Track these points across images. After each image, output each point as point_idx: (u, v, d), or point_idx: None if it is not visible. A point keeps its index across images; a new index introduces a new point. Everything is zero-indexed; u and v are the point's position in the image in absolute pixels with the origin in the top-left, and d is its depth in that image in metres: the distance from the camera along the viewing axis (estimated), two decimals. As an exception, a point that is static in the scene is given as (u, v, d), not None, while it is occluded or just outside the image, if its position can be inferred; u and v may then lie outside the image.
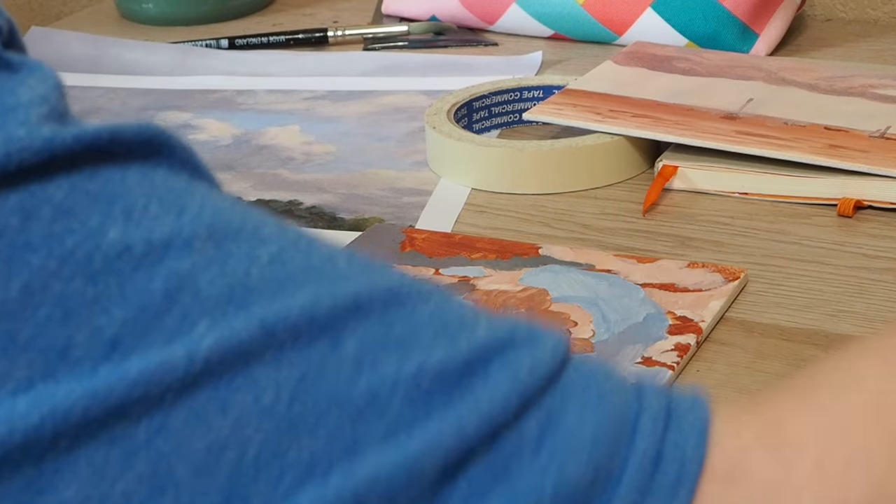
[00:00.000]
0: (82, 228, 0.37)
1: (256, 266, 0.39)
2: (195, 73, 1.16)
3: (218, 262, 0.38)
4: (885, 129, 0.90)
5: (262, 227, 0.40)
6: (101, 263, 0.37)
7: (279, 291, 0.39)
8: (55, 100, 0.39)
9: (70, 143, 0.38)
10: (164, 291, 0.37)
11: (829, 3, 1.25)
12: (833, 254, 0.81)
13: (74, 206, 0.38)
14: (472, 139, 0.92)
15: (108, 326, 0.37)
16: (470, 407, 0.39)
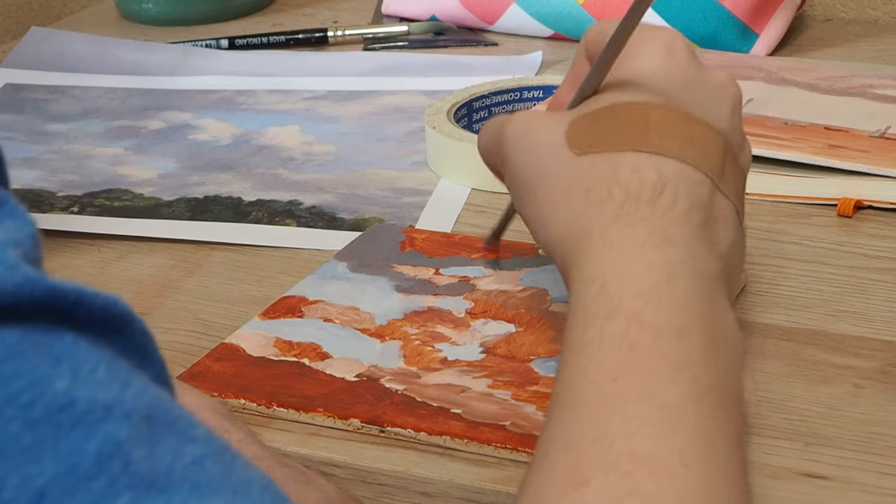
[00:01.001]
0: (31, 374, 0.37)
1: (180, 462, 0.39)
2: (195, 73, 1.16)
3: (149, 444, 0.38)
4: (885, 129, 0.90)
5: (193, 428, 0.40)
6: (42, 412, 0.37)
7: (195, 492, 0.39)
8: (29, 247, 0.40)
9: (39, 294, 0.38)
10: (97, 454, 0.37)
11: (829, 3, 1.25)
12: (833, 254, 0.81)
13: (26, 352, 0.38)
14: (472, 139, 0.92)
15: (39, 476, 0.37)
16: None
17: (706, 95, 0.62)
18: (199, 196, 0.92)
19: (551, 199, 0.60)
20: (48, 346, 0.38)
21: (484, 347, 0.70)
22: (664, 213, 0.57)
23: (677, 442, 0.49)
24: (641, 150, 0.59)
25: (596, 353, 0.53)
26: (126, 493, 0.37)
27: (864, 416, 0.64)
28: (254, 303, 0.77)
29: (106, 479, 0.37)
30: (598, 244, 0.56)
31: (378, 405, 0.65)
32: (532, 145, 0.62)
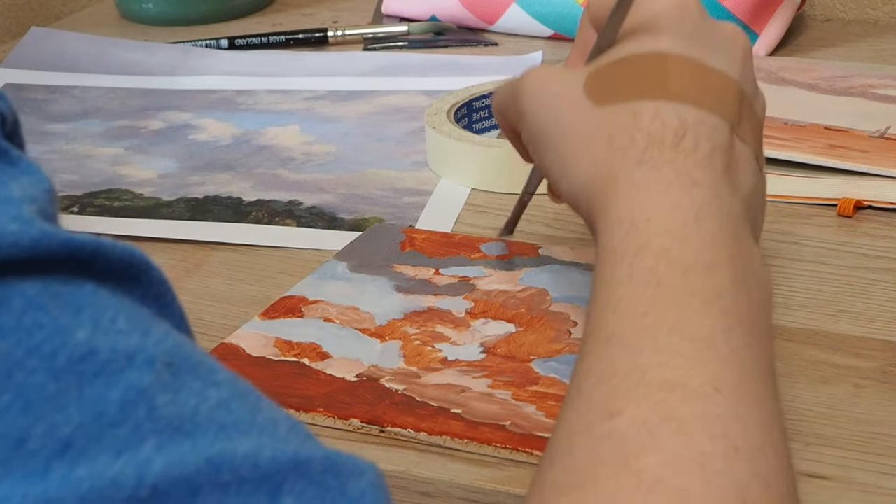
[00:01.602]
0: (52, 325, 0.38)
1: (205, 405, 0.39)
2: (195, 73, 1.16)
3: (172, 390, 0.39)
4: (885, 129, 0.90)
5: (216, 372, 0.41)
6: (65, 361, 0.38)
7: (223, 434, 0.39)
8: (45, 203, 0.40)
9: (56, 247, 0.39)
10: (120, 402, 0.38)
11: (829, 3, 1.25)
12: (833, 254, 0.81)
13: (46, 304, 0.38)
14: (472, 139, 0.92)
15: (65, 425, 0.37)
16: None
17: (718, 46, 0.63)
18: (199, 196, 0.92)
19: (572, 149, 0.61)
20: (68, 296, 0.39)
21: (484, 347, 0.70)
22: (687, 156, 0.58)
23: (709, 370, 0.49)
24: (661, 98, 0.60)
25: (626, 291, 0.53)
26: (152, 438, 0.38)
27: (864, 416, 0.64)
28: (254, 303, 0.77)
29: (131, 426, 0.38)
30: (625, 187, 0.57)
31: (378, 405, 0.65)
32: (550, 98, 0.63)
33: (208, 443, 0.38)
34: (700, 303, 0.52)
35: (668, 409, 0.48)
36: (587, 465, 0.47)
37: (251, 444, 0.39)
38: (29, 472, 0.36)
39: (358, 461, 0.42)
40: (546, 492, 0.47)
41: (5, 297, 0.38)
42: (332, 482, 0.40)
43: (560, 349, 0.69)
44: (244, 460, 0.39)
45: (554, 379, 0.67)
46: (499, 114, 0.69)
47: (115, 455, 0.37)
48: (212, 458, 0.38)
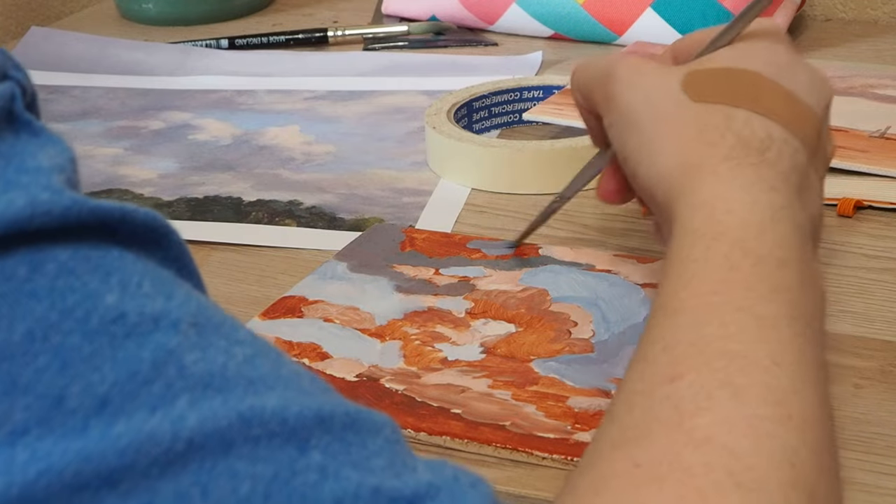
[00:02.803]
0: (83, 288, 0.40)
1: (233, 361, 0.41)
2: (195, 73, 1.16)
3: (200, 348, 0.41)
4: (885, 129, 0.90)
5: (239, 330, 0.43)
6: (97, 323, 0.39)
7: (251, 389, 0.41)
8: (70, 172, 0.42)
9: (85, 215, 0.40)
10: (152, 361, 0.39)
11: (829, 3, 1.25)
12: (833, 254, 0.81)
13: (77, 269, 0.40)
14: (472, 139, 0.92)
15: (100, 384, 0.39)
16: None
17: (807, 83, 0.66)
18: (199, 196, 0.92)
19: (661, 134, 0.64)
20: (97, 261, 0.40)
21: (484, 347, 0.70)
22: (769, 167, 0.61)
23: (771, 346, 0.51)
24: (754, 111, 0.63)
25: (699, 270, 0.56)
26: (184, 395, 0.39)
27: (864, 416, 0.64)
28: (254, 303, 0.77)
29: (163, 383, 0.39)
30: (709, 177, 0.60)
31: (378, 405, 0.65)
32: (646, 85, 0.66)
33: (238, 398, 0.40)
34: (768, 290, 0.54)
35: (727, 376, 0.50)
36: (643, 423, 0.49)
37: (278, 399, 0.41)
38: (69, 430, 0.38)
39: (376, 417, 0.43)
40: (602, 447, 0.49)
41: (39, 262, 0.39)
42: (352, 437, 0.42)
43: (560, 349, 0.69)
44: (273, 415, 0.40)
45: (554, 379, 0.67)
46: (582, 92, 0.72)
47: (151, 411, 0.39)
48: (243, 413, 0.40)
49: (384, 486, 0.41)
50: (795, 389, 0.50)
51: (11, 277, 0.39)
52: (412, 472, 0.43)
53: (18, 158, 0.40)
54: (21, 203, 0.39)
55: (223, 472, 0.39)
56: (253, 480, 0.39)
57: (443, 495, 0.42)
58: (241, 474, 0.39)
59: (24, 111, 0.42)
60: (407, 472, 0.42)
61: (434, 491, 0.42)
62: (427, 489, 0.42)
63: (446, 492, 0.42)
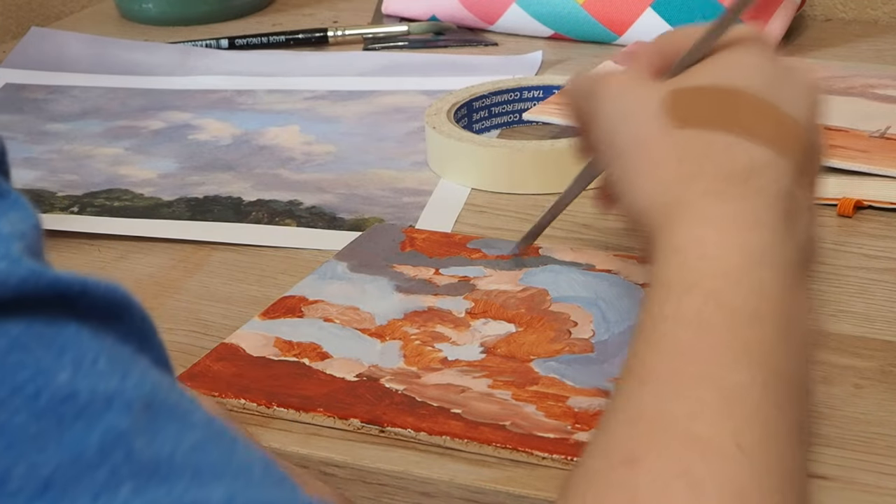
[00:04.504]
0: (35, 365, 0.38)
1: (181, 448, 0.39)
2: (195, 73, 1.16)
3: (150, 433, 0.39)
4: (885, 129, 0.90)
5: (192, 413, 0.41)
6: (47, 402, 0.38)
7: (197, 479, 0.39)
8: (32, 239, 0.40)
9: (43, 287, 0.39)
10: (99, 445, 0.38)
11: (829, 3, 1.25)
12: (833, 254, 0.81)
13: (29, 344, 0.38)
14: (472, 139, 0.92)
15: (45, 466, 0.37)
16: None
17: (793, 94, 0.63)
18: (199, 196, 0.92)
19: (641, 165, 0.61)
20: (51, 337, 0.39)
21: (484, 347, 0.70)
22: (753, 196, 0.58)
23: (734, 423, 0.49)
24: (734, 133, 0.60)
25: (669, 331, 0.53)
26: (128, 482, 0.38)
27: (864, 416, 0.64)
28: (254, 303, 0.77)
29: (109, 469, 0.38)
30: (687, 216, 0.57)
31: (378, 405, 0.65)
32: (626, 108, 0.63)
33: (183, 488, 0.38)
34: (740, 352, 0.52)
35: (685, 463, 0.48)
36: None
37: (224, 492, 0.39)
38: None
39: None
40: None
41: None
42: None
43: (560, 349, 0.69)
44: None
45: (554, 379, 0.67)
46: (571, 106, 0.69)
47: (93, 498, 0.37)
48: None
49: None
50: (756, 476, 0.48)
51: None
52: None
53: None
54: None
55: None
56: None
57: None
58: None
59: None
60: None
61: None
62: None
63: None
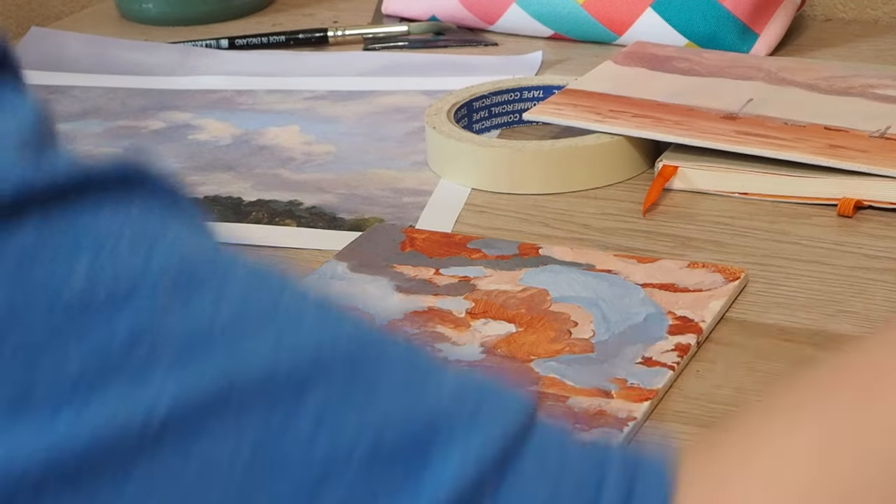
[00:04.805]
0: (49, 268, 0.37)
1: (219, 315, 0.38)
2: (195, 73, 1.16)
3: (181, 308, 0.38)
4: (885, 129, 0.90)
5: (230, 273, 0.39)
6: (66, 304, 0.37)
7: (239, 346, 0.38)
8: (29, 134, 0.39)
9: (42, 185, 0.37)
10: (127, 334, 0.37)
11: (829, 3, 1.25)
12: (833, 254, 0.81)
13: (42, 248, 0.37)
14: (472, 139, 0.92)
15: (70, 365, 0.36)
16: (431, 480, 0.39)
17: None
18: (199, 196, 0.92)
19: None
20: (64, 233, 0.37)
21: (484, 347, 0.70)
22: None
23: None
24: None
25: None
26: (163, 363, 0.37)
27: (865, 416, 0.64)
28: (254, 303, 0.77)
29: (140, 355, 0.37)
30: None
31: (378, 405, 0.65)
32: None
33: (223, 360, 0.37)
34: None
35: None
36: None
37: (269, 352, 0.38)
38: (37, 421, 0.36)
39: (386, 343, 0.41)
40: None
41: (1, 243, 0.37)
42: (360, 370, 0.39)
43: (560, 349, 0.69)
44: (260, 374, 0.38)
45: (554, 379, 0.67)
46: None
47: (126, 387, 0.36)
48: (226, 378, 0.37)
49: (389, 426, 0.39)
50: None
51: None
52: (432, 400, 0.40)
53: None
54: None
55: (201, 449, 0.37)
56: (235, 451, 0.37)
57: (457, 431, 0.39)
58: (222, 447, 0.37)
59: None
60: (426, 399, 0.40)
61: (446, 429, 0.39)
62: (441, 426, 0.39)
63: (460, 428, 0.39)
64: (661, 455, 0.42)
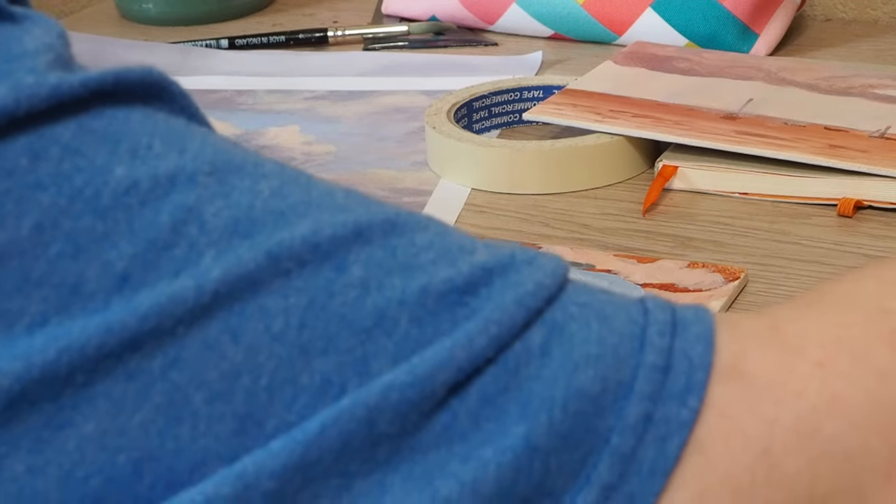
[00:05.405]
0: (90, 167, 0.38)
1: (259, 199, 0.40)
2: (195, 73, 1.16)
3: (221, 196, 0.39)
4: (885, 129, 0.90)
5: (262, 165, 0.41)
6: (108, 199, 0.38)
7: (282, 222, 0.39)
8: (60, 47, 0.41)
9: (76, 88, 0.39)
10: (171, 224, 0.38)
11: (829, 3, 1.25)
12: (833, 254, 0.81)
13: (81, 146, 0.39)
14: (472, 139, 0.92)
15: (118, 260, 0.38)
16: (477, 323, 0.40)
17: None
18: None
19: None
20: (102, 132, 0.39)
21: (484, 347, 0.70)
22: None
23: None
24: None
25: None
26: (210, 251, 0.38)
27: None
28: (254, 303, 0.77)
29: (186, 244, 0.38)
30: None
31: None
32: None
33: (266, 236, 0.39)
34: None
35: None
36: None
37: (311, 224, 0.40)
38: (89, 311, 0.37)
39: (420, 216, 0.42)
40: None
41: (41, 149, 0.38)
42: (396, 240, 0.41)
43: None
44: (304, 243, 0.39)
45: (554, 379, 0.67)
46: None
47: (174, 275, 0.38)
48: (270, 251, 0.39)
49: (433, 282, 0.40)
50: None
51: (13, 171, 0.38)
52: (469, 256, 0.41)
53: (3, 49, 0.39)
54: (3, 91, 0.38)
55: (253, 314, 0.38)
56: (286, 314, 0.38)
57: (496, 278, 0.41)
58: (273, 311, 0.38)
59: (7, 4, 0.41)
60: (463, 257, 0.41)
61: (487, 275, 0.41)
62: (481, 274, 0.41)
63: (499, 273, 0.41)
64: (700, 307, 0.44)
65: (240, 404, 0.38)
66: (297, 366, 0.38)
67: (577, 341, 0.41)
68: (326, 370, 0.39)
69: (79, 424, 0.37)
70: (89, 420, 0.37)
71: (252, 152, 0.42)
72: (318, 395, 0.38)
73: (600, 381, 0.41)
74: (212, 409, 0.38)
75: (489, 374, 0.40)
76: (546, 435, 0.40)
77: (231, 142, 0.42)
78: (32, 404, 0.37)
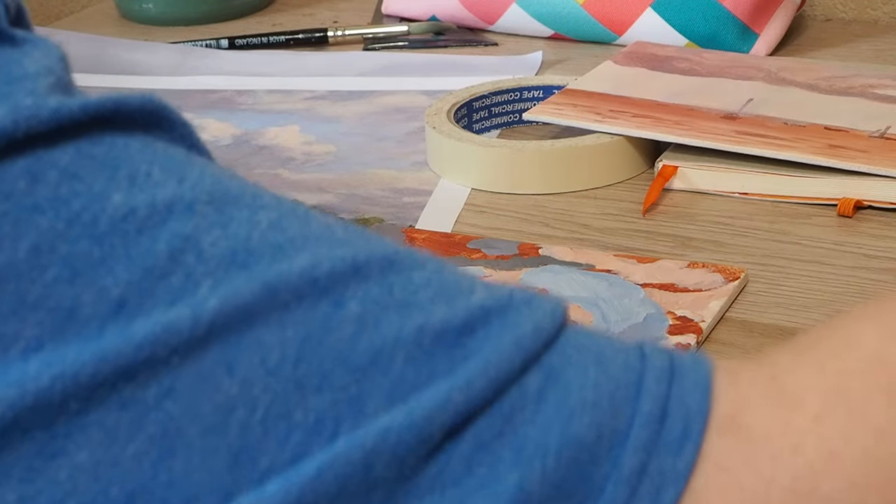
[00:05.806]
0: (88, 192, 0.38)
1: (257, 230, 0.40)
2: (195, 73, 1.16)
3: (219, 226, 0.39)
4: (885, 129, 0.90)
5: (261, 196, 0.41)
6: (106, 225, 0.38)
7: (279, 254, 0.39)
8: (60, 71, 0.40)
9: (76, 112, 0.39)
10: (168, 252, 0.38)
11: (829, 3, 1.25)
12: (833, 254, 0.81)
13: (80, 171, 0.38)
14: (472, 139, 0.92)
15: (114, 287, 0.37)
16: (475, 366, 0.39)
17: None
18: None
19: None
20: (101, 158, 0.39)
21: (484, 347, 0.70)
22: None
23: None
24: None
25: None
26: (206, 280, 0.38)
27: (864, 416, 0.64)
28: (254, 303, 0.77)
29: (182, 273, 0.38)
30: None
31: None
32: None
33: (264, 268, 0.39)
34: None
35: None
36: None
37: (308, 258, 0.39)
38: (84, 338, 0.37)
39: (419, 254, 0.42)
40: None
41: (40, 172, 0.38)
42: (394, 278, 0.40)
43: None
44: (301, 276, 0.39)
45: (554, 379, 0.67)
46: None
47: (170, 304, 0.37)
48: (268, 282, 0.38)
49: (431, 321, 0.40)
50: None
51: (11, 194, 0.37)
52: (467, 296, 0.41)
53: (3, 71, 0.39)
54: (2, 113, 0.37)
55: (249, 346, 0.38)
56: (283, 348, 0.38)
57: (494, 319, 0.40)
58: (269, 344, 0.38)
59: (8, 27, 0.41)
60: (461, 296, 0.41)
61: (485, 315, 0.40)
62: (480, 314, 0.40)
63: (497, 314, 0.40)
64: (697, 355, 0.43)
65: (234, 438, 0.38)
66: (292, 401, 0.38)
67: (573, 387, 0.40)
68: (321, 408, 0.38)
69: (71, 453, 0.37)
70: (82, 449, 0.37)
71: (250, 183, 0.42)
72: (312, 433, 0.38)
73: (595, 428, 0.40)
74: (206, 441, 0.37)
75: (484, 418, 0.39)
76: (539, 483, 0.39)
77: (230, 172, 0.42)
78: (25, 432, 0.36)
